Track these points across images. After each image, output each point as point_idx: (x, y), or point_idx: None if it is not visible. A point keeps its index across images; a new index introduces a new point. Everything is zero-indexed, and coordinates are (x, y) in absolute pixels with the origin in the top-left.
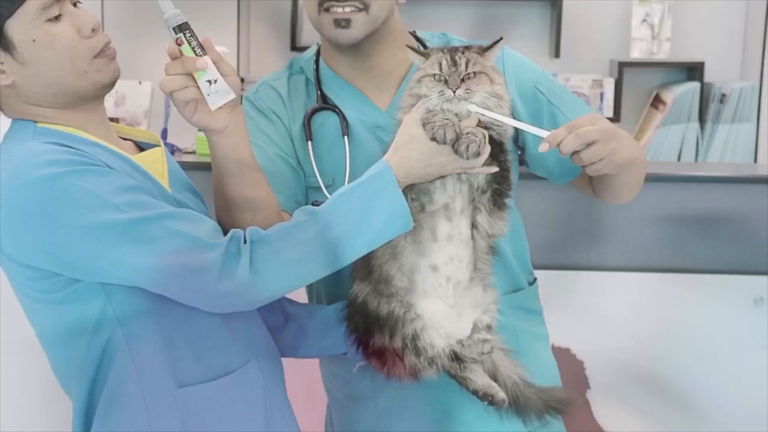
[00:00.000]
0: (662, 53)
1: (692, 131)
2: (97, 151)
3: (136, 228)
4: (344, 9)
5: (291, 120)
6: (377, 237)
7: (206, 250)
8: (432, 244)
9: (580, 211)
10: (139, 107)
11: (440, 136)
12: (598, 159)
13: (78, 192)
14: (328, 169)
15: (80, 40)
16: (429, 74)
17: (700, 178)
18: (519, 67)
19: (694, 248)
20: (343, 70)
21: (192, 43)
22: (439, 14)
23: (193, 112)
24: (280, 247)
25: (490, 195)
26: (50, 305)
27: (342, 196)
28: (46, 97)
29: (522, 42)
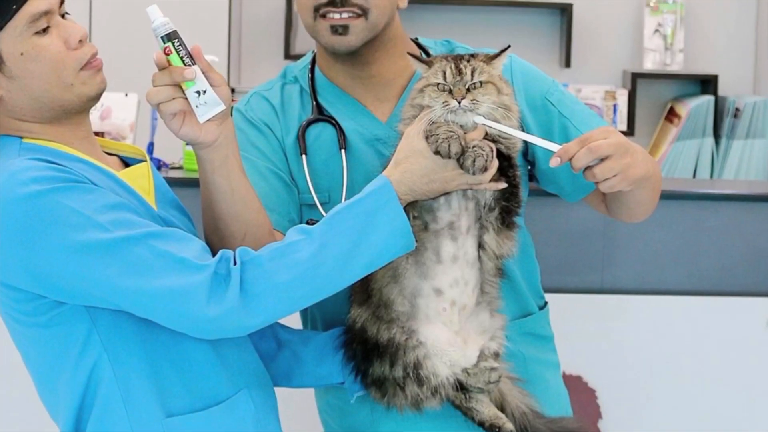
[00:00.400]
0: (675, 65)
1: (707, 146)
2: (82, 167)
3: (121, 248)
4: (341, 15)
5: (284, 132)
6: (377, 258)
7: (194, 271)
8: (435, 266)
9: (593, 231)
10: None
11: (444, 150)
12: (611, 175)
13: (62, 210)
14: (324, 185)
15: (67, 53)
16: (432, 83)
17: (715, 195)
18: (528, 76)
19: (709, 269)
20: (341, 79)
21: (180, 53)
22: (442, 20)
23: (180, 124)
24: (273, 268)
25: (497, 213)
26: (35, 328)
27: (339, 214)
28: (32, 112)
29: (531, 50)
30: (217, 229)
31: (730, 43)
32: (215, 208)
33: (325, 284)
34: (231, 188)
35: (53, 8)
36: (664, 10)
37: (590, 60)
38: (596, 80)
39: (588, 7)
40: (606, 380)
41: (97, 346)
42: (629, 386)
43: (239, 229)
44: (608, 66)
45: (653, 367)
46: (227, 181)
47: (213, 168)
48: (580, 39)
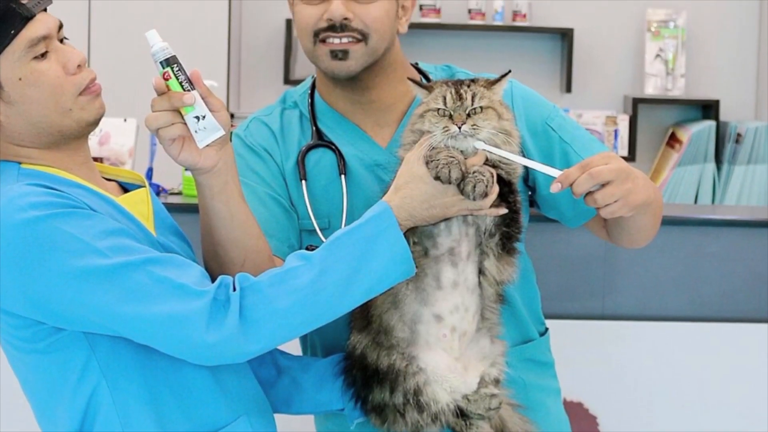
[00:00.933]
0: (676, 90)
1: (709, 172)
2: (81, 193)
3: (120, 274)
4: (341, 40)
5: (284, 158)
6: (377, 284)
7: (193, 297)
8: (436, 292)
9: (594, 256)
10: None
11: (445, 175)
12: (612, 200)
13: (60, 236)
14: (324, 211)
15: (65, 78)
16: (432, 109)
17: (717, 221)
18: (529, 101)
19: (710, 295)
20: (340, 104)
21: (180, 78)
22: (442, 45)
23: (179, 150)
24: (272, 294)
25: (498, 239)
26: (33, 355)
27: (338, 239)
28: (30, 137)
29: (532, 76)
30: (217, 255)
31: (732, 69)
32: (214, 233)
33: (324, 310)
34: (230, 214)
35: (52, 33)
36: (665, 35)
37: (591, 85)
38: (597, 105)
39: (589, 32)
40: (607, 406)
41: (96, 373)
42: (630, 413)
43: (239, 255)
44: (609, 91)
45: (654, 393)
46: (226, 207)
47: (212, 194)
48: (580, 64)
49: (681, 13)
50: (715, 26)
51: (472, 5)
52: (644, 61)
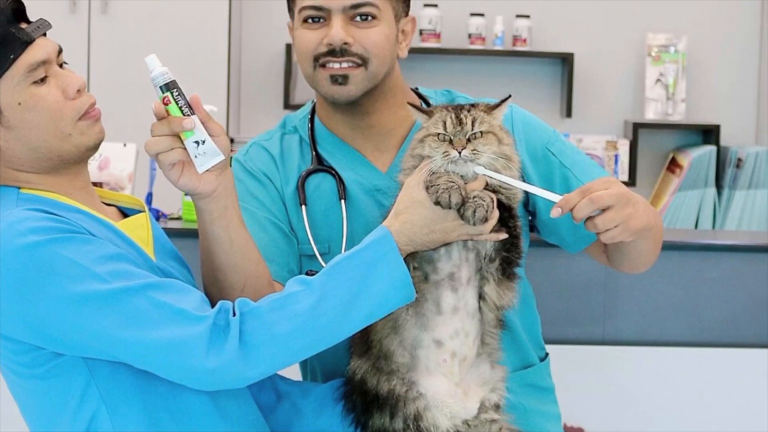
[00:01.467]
0: (677, 115)
1: (709, 197)
2: (80, 218)
3: (119, 299)
4: (341, 64)
5: (284, 183)
6: (377, 309)
7: (192, 323)
8: (436, 317)
9: (595, 281)
10: (123, 171)
11: (445, 200)
12: (613, 225)
13: (60, 261)
14: (324, 236)
15: (65, 102)
16: (432, 133)
17: (717, 246)
18: (529, 126)
19: (711, 320)
20: (340, 129)
21: (179, 102)
22: (442, 70)
23: (179, 175)
24: (272, 320)
25: (498, 264)
26: (33, 380)
27: (338, 264)
28: (30, 162)
29: (532, 100)
30: (216, 280)
31: (733, 93)
32: (214, 258)
33: (324, 335)
34: (230, 239)
35: (51, 58)
36: (665, 60)
37: (591, 110)
38: (597, 130)
39: (589, 56)
40: None
41: (96, 398)
42: None
43: (238, 280)
44: (609, 116)
45: (655, 418)
46: (226, 232)
47: (212, 219)
48: (581, 89)
49: (681, 37)
50: (715, 51)
51: (473, 30)
52: (644, 85)
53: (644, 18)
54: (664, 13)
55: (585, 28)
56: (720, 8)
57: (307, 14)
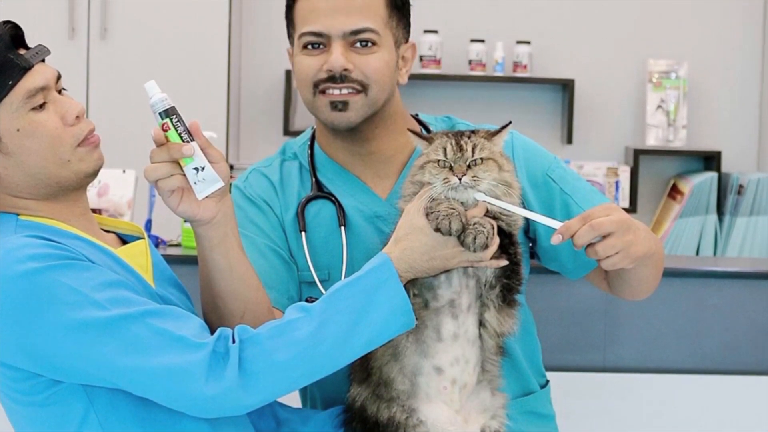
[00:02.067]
0: (678, 141)
1: (710, 224)
2: (79, 245)
3: (118, 326)
4: (341, 91)
5: (283, 209)
6: (377, 336)
7: (192, 350)
8: (436, 344)
9: (595, 308)
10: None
11: (445, 227)
12: (613, 252)
13: (59, 288)
14: (324, 263)
15: (64, 129)
16: (432, 160)
17: (719, 273)
18: (529, 153)
19: (712, 347)
20: (340, 155)
21: (179, 129)
22: (443, 96)
23: (178, 201)
24: (272, 347)
25: (499, 290)
26: (31, 407)
27: (338, 291)
28: (29, 188)
29: (532, 127)
30: (216, 307)
31: (734, 120)
32: (214, 285)
33: (324, 363)
34: (229, 266)
35: (50, 84)
36: (667, 86)
37: (592, 136)
38: (598, 156)
39: (590, 82)
40: None
41: (95, 425)
42: None
43: (238, 307)
44: (610, 142)
45: None
46: (226, 259)
47: (211, 245)
48: (581, 115)
49: (683, 63)
50: (717, 77)
51: (473, 56)
52: (645, 112)
53: (645, 44)
54: (665, 39)
55: (586, 54)
56: (721, 34)
57: (307, 40)
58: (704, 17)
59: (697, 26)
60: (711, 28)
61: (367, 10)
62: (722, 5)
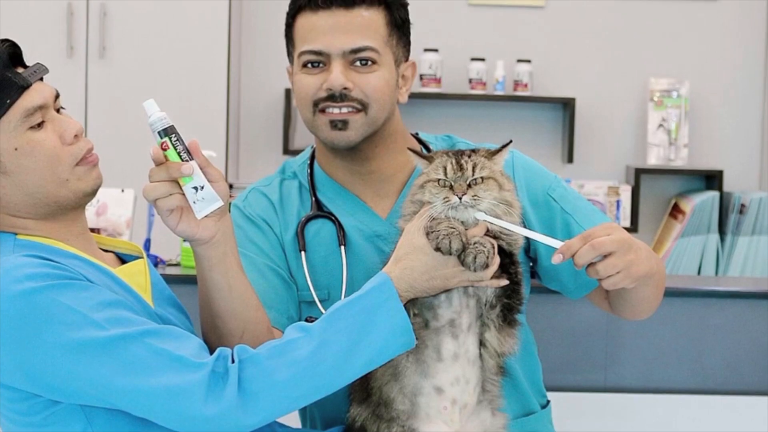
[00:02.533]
0: (680, 160)
1: (712, 243)
2: (77, 264)
3: (117, 346)
4: (341, 110)
5: (283, 228)
6: (377, 356)
7: (191, 369)
8: (436, 364)
9: (596, 328)
10: (121, 216)
11: (445, 246)
12: (614, 272)
13: (57, 308)
14: (324, 282)
15: (62, 148)
16: (433, 179)
17: (720, 293)
18: (530, 172)
19: (714, 367)
20: (340, 174)
21: (178, 148)
22: (443, 115)
23: (178, 221)
24: (271, 366)
25: (499, 310)
26: (29, 428)
27: (338, 311)
28: (26, 208)
29: (533, 146)
30: (215, 327)
31: (736, 138)
32: (213, 305)
33: (324, 382)
34: (229, 285)
35: (48, 103)
36: (668, 105)
37: (593, 155)
38: (599, 176)
39: (591, 101)
40: None
41: None
42: None
43: (237, 326)
44: (611, 161)
45: None
46: (225, 278)
47: (211, 265)
48: (582, 134)
49: (684, 82)
50: (718, 96)
51: (473, 75)
52: (647, 131)
53: (647, 63)
54: (667, 58)
55: (587, 72)
56: (723, 53)
57: (307, 59)
58: (706, 36)
59: (698, 45)
60: (712, 47)
61: (366, 29)
62: (724, 24)
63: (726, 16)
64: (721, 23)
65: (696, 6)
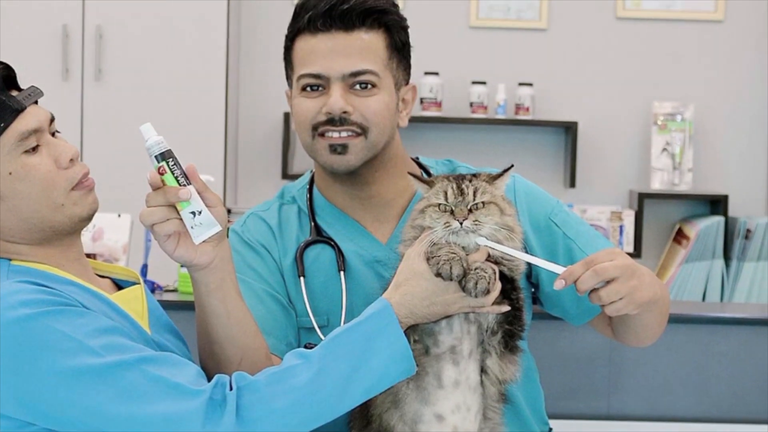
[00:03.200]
0: (684, 185)
1: (717, 269)
2: (73, 290)
3: (113, 373)
4: (341, 134)
5: (282, 254)
6: (377, 383)
7: (188, 397)
8: (437, 391)
9: (599, 355)
10: (118, 242)
11: (446, 272)
12: (617, 298)
13: (52, 334)
14: (323, 308)
15: (57, 172)
16: (433, 204)
17: (726, 319)
18: (531, 196)
19: (720, 395)
20: (339, 199)
21: (175, 172)
22: (444, 139)
23: (175, 246)
24: (270, 394)
25: (500, 337)
26: None
27: (338, 337)
28: (21, 233)
29: (535, 170)
30: (213, 353)
31: (741, 163)
32: (211, 331)
33: (323, 410)
34: (227, 311)
35: (43, 126)
36: (672, 129)
37: (596, 180)
38: (602, 200)
39: (593, 125)
40: None
41: None
42: None
43: (235, 353)
44: (614, 186)
45: None
46: (223, 304)
47: (208, 291)
48: (585, 158)
49: (688, 106)
50: (723, 119)
51: (474, 98)
52: (650, 155)
53: (650, 85)
54: (671, 81)
55: (589, 96)
56: (728, 76)
57: (306, 82)
58: (710, 59)
59: (703, 68)
60: (717, 70)
61: (366, 52)
62: (729, 46)
63: (731, 39)
64: (726, 46)
65: (700, 28)
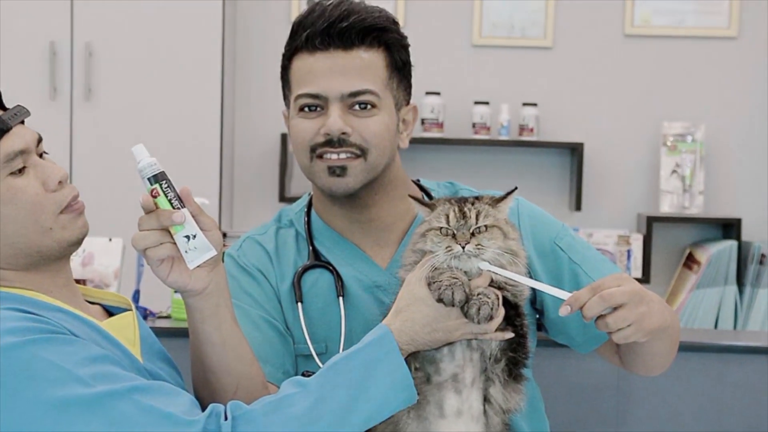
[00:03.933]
0: (695, 208)
1: (730, 295)
2: (62, 317)
3: (104, 403)
4: (339, 155)
5: (279, 279)
6: (377, 412)
7: (182, 427)
8: (439, 421)
9: (607, 384)
10: (109, 267)
11: (448, 297)
12: (625, 324)
13: (39, 363)
14: (321, 335)
15: (45, 195)
16: (435, 228)
17: (739, 348)
18: (536, 220)
19: (733, 427)
20: (338, 222)
21: (169, 195)
22: (445, 160)
23: (168, 271)
24: (266, 423)
25: (504, 364)
26: None
27: (336, 365)
28: (7, 258)
29: (539, 193)
30: (207, 382)
31: (754, 185)
32: (205, 359)
33: None
34: (222, 339)
35: (30, 147)
36: (682, 150)
37: (602, 202)
38: (609, 224)
39: (600, 146)
40: None
41: None
42: None
43: (231, 382)
44: (622, 209)
45: None
46: (218, 331)
47: (203, 317)
48: (591, 180)
49: (699, 126)
50: (735, 140)
51: (477, 119)
52: (659, 177)
53: (659, 105)
54: (681, 100)
55: (596, 116)
56: (741, 95)
57: (304, 102)
58: (723, 77)
59: (715, 87)
60: (730, 89)
61: (366, 71)
62: (742, 64)
63: (745, 57)
64: (739, 64)
65: (713, 45)
